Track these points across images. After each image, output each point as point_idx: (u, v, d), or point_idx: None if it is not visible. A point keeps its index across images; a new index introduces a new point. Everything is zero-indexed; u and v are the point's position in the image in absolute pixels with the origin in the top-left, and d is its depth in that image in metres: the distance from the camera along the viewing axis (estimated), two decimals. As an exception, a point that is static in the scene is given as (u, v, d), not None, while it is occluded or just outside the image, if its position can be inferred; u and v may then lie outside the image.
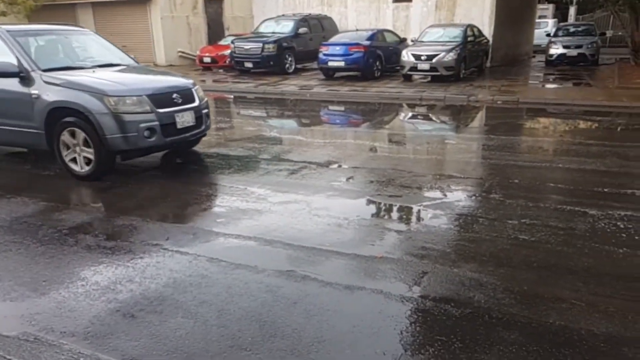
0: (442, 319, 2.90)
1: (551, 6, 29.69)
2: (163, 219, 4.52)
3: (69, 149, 5.50)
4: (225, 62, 17.07)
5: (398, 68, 14.40)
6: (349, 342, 2.68)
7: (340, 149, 7.11)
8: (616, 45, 24.31)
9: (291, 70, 16.09)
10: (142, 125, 5.32)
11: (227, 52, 16.72)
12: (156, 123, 5.42)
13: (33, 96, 5.44)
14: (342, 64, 14.34)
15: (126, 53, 6.90)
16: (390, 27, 17.63)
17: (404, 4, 18.26)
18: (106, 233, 4.20)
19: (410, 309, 3.00)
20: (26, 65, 5.52)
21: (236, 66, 16.17)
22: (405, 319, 2.90)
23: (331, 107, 11.64)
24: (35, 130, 5.55)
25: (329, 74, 15.06)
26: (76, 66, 6.03)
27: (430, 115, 10.57)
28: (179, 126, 5.69)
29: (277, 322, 2.86)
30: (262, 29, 16.81)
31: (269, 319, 2.90)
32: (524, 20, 20.52)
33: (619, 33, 23.08)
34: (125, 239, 4.06)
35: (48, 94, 5.38)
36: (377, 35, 15.09)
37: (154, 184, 5.67)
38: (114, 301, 3.12)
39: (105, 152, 5.35)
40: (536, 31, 23.00)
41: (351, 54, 14.15)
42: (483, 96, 11.35)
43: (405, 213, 4.70)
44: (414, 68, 13.50)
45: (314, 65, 16.11)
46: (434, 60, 13.14)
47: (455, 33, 14.29)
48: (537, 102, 10.91)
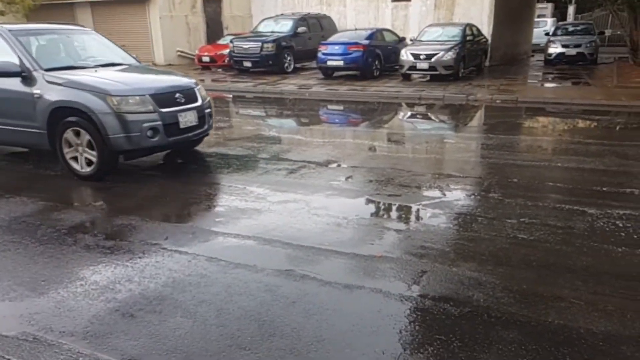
0: (441, 318, 2.90)
1: (550, 5, 29.71)
2: (162, 219, 4.52)
3: (71, 147, 5.46)
4: (224, 62, 17.05)
5: (397, 67, 14.40)
6: (348, 341, 2.68)
7: (339, 148, 7.11)
8: (615, 44, 24.33)
9: (290, 69, 16.08)
10: (145, 125, 5.29)
11: (226, 52, 16.70)
12: (159, 123, 5.39)
13: (35, 96, 5.41)
14: (341, 63, 14.33)
15: (128, 52, 6.86)
16: (389, 27, 17.63)
17: (403, 3, 18.26)
18: (105, 232, 4.20)
19: (409, 308, 3.00)
20: (28, 64, 5.49)
21: (235, 65, 16.16)
22: (404, 318, 2.90)
23: (330, 107, 11.64)
24: (37, 130, 5.51)
25: (328, 73, 15.05)
26: (78, 66, 5.99)
27: (429, 114, 10.57)
28: (182, 126, 5.66)
29: (276, 322, 2.87)
30: (261, 28, 16.81)
31: (268, 318, 2.90)
32: (523, 19, 20.54)
33: (618, 32, 23.09)
34: (124, 239, 4.06)
35: (50, 94, 5.35)
36: (376, 34, 15.09)
37: (153, 184, 5.66)
38: (113, 301, 3.12)
39: (108, 152, 5.32)
40: (535, 30, 23.01)
41: (350, 53, 14.14)
42: (482, 95, 11.36)
43: (404, 212, 4.70)
44: (413, 67, 13.50)
45: (313, 64, 16.12)
46: (433, 59, 13.14)
47: (454, 32, 14.29)
48: (536, 101, 10.92)
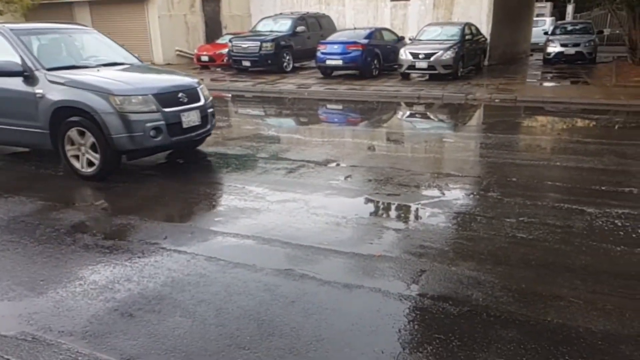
0: (441, 317, 2.90)
1: (549, 4, 29.72)
2: (161, 218, 4.51)
3: (74, 145, 5.41)
4: (223, 61, 17.04)
5: (396, 66, 14.41)
6: (348, 341, 2.68)
7: (338, 148, 7.11)
8: (614, 43, 24.35)
9: (289, 68, 16.07)
10: (148, 124, 5.27)
11: (225, 51, 16.68)
12: (162, 122, 5.36)
13: (37, 95, 5.37)
14: (340, 63, 14.33)
15: (130, 52, 6.81)
16: (388, 26, 17.63)
17: (402, 3, 18.26)
18: (104, 232, 4.19)
19: (408, 308, 3.00)
20: (30, 64, 5.45)
21: (234, 65, 16.16)
22: (403, 318, 2.90)
23: (329, 106, 11.63)
24: (39, 130, 5.48)
25: (327, 73, 15.05)
26: (80, 65, 5.95)
27: (428, 113, 10.57)
28: (185, 125, 5.64)
29: (276, 321, 2.87)
30: (260, 28, 16.80)
31: (267, 318, 2.90)
32: (522, 18, 20.55)
33: (617, 31, 23.11)
34: (123, 238, 4.05)
35: (53, 94, 5.31)
36: (375, 33, 15.08)
37: (152, 183, 5.65)
38: (112, 300, 3.11)
39: (110, 152, 5.30)
40: (534, 29, 23.02)
41: (349, 53, 14.14)
42: (481, 94, 11.36)
43: (403, 211, 4.70)
44: (412, 66, 13.50)
45: (312, 63, 16.11)
46: (432, 58, 13.14)
47: (453, 31, 14.30)
48: (535, 101, 10.92)
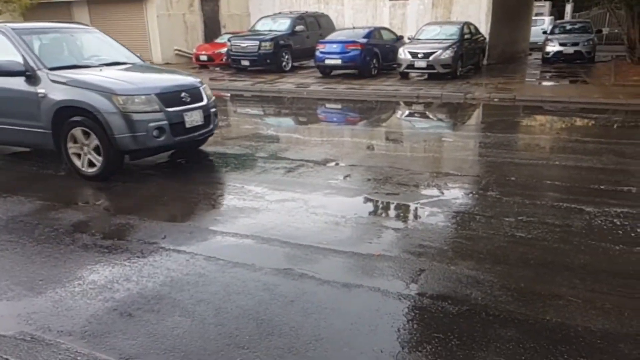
0: (440, 317, 2.90)
1: (547, 3, 29.75)
2: (160, 218, 4.50)
3: (76, 143, 5.38)
4: (221, 60, 17.03)
5: (395, 66, 14.41)
6: (347, 340, 2.68)
7: (337, 147, 7.11)
8: (612, 42, 24.38)
9: (288, 68, 16.07)
10: (151, 124, 5.24)
11: (224, 50, 16.69)
12: (165, 122, 5.34)
13: (39, 95, 5.35)
14: (339, 62, 14.33)
15: (132, 51, 6.78)
16: (387, 25, 17.64)
17: (401, 2, 18.26)
18: (103, 232, 4.19)
19: (407, 307, 3.00)
20: (32, 63, 5.42)
21: (233, 64, 16.15)
22: (402, 317, 2.90)
23: (328, 105, 11.63)
24: (41, 130, 5.45)
25: (326, 72, 15.05)
26: (82, 65, 5.92)
27: (427, 113, 10.58)
28: (188, 125, 5.62)
29: (275, 321, 2.86)
30: (259, 27, 16.79)
31: (267, 317, 2.90)
32: (521, 17, 20.57)
33: (615, 30, 23.12)
34: (122, 238, 4.05)
35: (55, 93, 5.29)
36: (374, 33, 15.09)
37: (151, 183, 5.65)
38: (111, 300, 3.11)
39: (113, 152, 5.27)
40: (533, 29, 23.04)
41: (348, 52, 14.14)
42: (480, 94, 11.36)
43: (402, 211, 4.70)
44: (411, 66, 13.50)
45: (311, 63, 16.11)
46: (431, 57, 13.14)
47: (452, 31, 14.30)
48: (534, 100, 10.93)
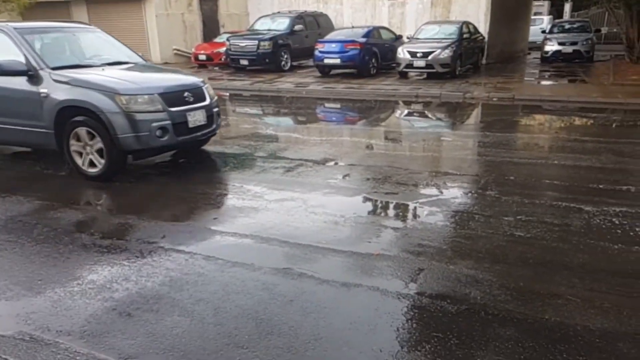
0: (439, 316, 2.90)
1: (546, 3, 29.76)
2: (159, 217, 4.50)
3: (79, 142, 5.35)
4: (220, 60, 17.01)
5: (394, 65, 14.41)
6: (346, 340, 2.68)
7: (336, 147, 7.11)
8: (611, 42, 24.37)
9: (287, 67, 16.06)
10: (154, 124, 5.22)
11: (223, 50, 16.67)
12: (168, 122, 5.32)
13: (42, 95, 5.32)
14: (338, 61, 14.32)
15: (134, 51, 6.76)
16: (386, 24, 17.64)
17: (400, 1, 18.27)
18: (102, 231, 4.18)
19: (406, 306, 3.01)
20: (34, 63, 5.39)
21: (232, 64, 16.14)
22: (401, 316, 2.90)
23: (327, 105, 11.63)
24: (44, 129, 5.42)
25: (325, 72, 15.04)
26: (85, 64, 5.90)
27: (426, 112, 10.58)
28: (191, 125, 5.60)
29: (274, 320, 2.87)
30: (258, 27, 16.78)
31: (266, 317, 2.90)
32: (520, 17, 20.55)
33: (614, 30, 23.11)
34: (121, 238, 4.05)
35: (57, 93, 5.26)
36: (373, 32, 15.08)
37: (150, 182, 5.64)
38: (110, 300, 3.11)
39: (116, 152, 5.25)
40: (531, 28, 23.01)
41: (347, 51, 14.13)
42: (479, 93, 11.37)
43: (401, 210, 4.70)
44: (410, 65, 13.50)
45: (310, 62, 16.11)
46: (430, 57, 13.14)
47: (450, 30, 14.30)
48: (533, 99, 10.94)
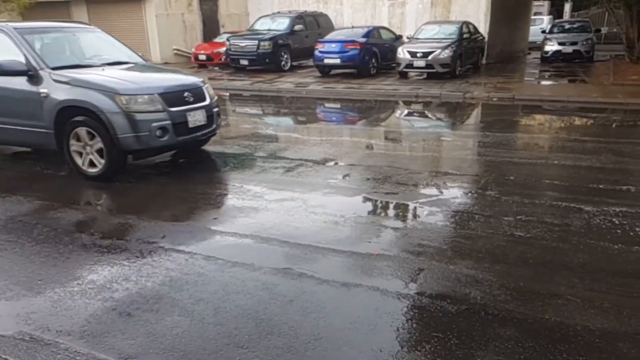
0: (439, 316, 2.90)
1: (546, 3, 29.75)
2: (159, 217, 4.50)
3: (79, 141, 5.34)
4: (220, 60, 17.01)
5: (394, 65, 14.41)
6: (346, 340, 2.68)
7: (336, 147, 7.11)
8: (611, 42, 24.37)
9: (287, 67, 16.06)
10: (154, 124, 5.22)
11: (223, 50, 16.67)
12: (168, 122, 5.32)
13: (42, 95, 5.32)
14: (338, 61, 14.32)
15: (134, 51, 6.75)
16: (386, 24, 17.64)
17: (400, 1, 18.27)
18: (102, 231, 4.18)
19: (406, 306, 3.01)
20: (34, 63, 5.39)
21: (232, 64, 16.14)
22: (401, 316, 2.90)
23: (327, 105, 11.63)
24: (44, 130, 5.42)
25: (325, 72, 15.04)
26: (84, 64, 5.89)
27: (426, 112, 10.58)
28: (191, 125, 5.59)
29: (274, 320, 2.87)
30: (258, 27, 16.78)
31: (266, 317, 2.90)
32: (520, 17, 20.53)
33: (614, 30, 23.11)
34: (121, 238, 4.05)
35: (57, 93, 5.26)
36: (373, 32, 15.08)
37: (150, 182, 5.64)
38: (110, 300, 3.11)
39: (116, 152, 5.25)
40: (531, 28, 23.00)
41: (347, 51, 14.13)
42: (479, 93, 11.37)
43: (401, 210, 4.70)
44: (410, 65, 13.50)
45: (310, 62, 16.11)
46: (430, 57, 13.14)
47: (450, 30, 14.30)
48: (533, 99, 10.94)
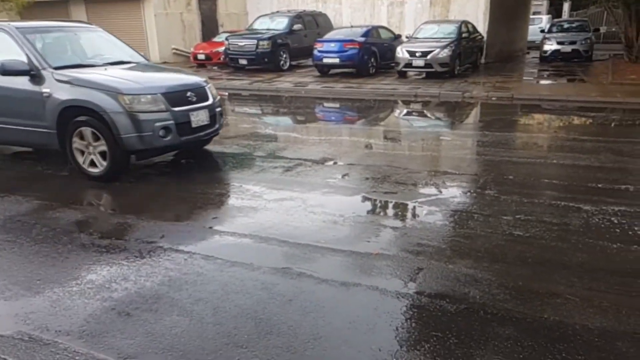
0: (438, 315, 2.91)
1: (545, 2, 29.81)
2: (158, 217, 4.50)
3: (83, 140, 5.32)
4: (219, 59, 16.99)
5: (393, 65, 14.42)
6: (345, 339, 2.69)
7: (335, 146, 7.11)
8: (610, 41, 24.40)
9: (286, 67, 16.05)
10: (158, 124, 5.20)
11: (222, 49, 16.66)
12: (171, 122, 5.30)
13: (44, 95, 5.30)
14: (337, 61, 14.32)
15: (136, 50, 6.73)
16: (384, 24, 17.64)
17: (399, 1, 18.26)
18: (101, 231, 4.18)
19: (405, 305, 3.01)
20: (37, 63, 5.37)
21: (230, 63, 16.13)
22: (400, 315, 2.90)
23: (326, 104, 11.63)
24: (46, 129, 5.40)
25: (324, 71, 15.03)
26: (87, 64, 5.88)
27: (425, 111, 10.58)
28: (194, 125, 5.58)
29: (273, 320, 2.87)
30: (257, 26, 16.77)
31: (265, 317, 2.90)
32: (518, 16, 20.56)
33: (613, 29, 23.14)
34: (120, 237, 4.05)
35: (60, 93, 5.24)
36: (372, 31, 15.08)
37: (149, 182, 5.64)
38: (109, 299, 3.11)
39: (119, 152, 5.23)
40: (530, 27, 23.05)
41: (346, 51, 14.12)
42: (477, 92, 11.37)
43: (400, 210, 4.70)
44: (409, 64, 13.51)
45: (309, 62, 16.10)
46: (429, 56, 13.15)
47: (449, 29, 14.30)
48: (532, 98, 10.95)
